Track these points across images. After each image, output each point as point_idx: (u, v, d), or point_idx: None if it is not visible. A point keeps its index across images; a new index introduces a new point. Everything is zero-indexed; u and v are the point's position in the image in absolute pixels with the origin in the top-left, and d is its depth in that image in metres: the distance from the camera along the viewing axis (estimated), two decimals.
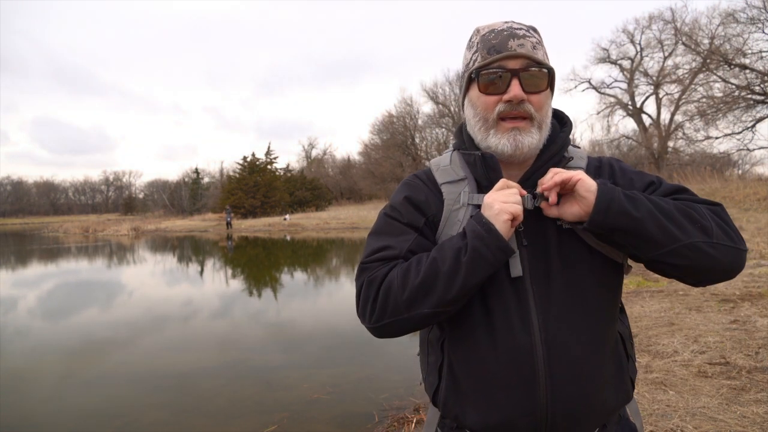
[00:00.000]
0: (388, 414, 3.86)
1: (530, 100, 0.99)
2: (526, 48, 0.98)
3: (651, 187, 1.07)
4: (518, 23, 1.03)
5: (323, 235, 25.48)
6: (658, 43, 32.89)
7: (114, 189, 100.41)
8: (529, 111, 0.99)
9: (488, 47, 1.00)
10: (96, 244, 25.52)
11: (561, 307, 0.99)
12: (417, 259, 0.99)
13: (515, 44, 0.98)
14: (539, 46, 1.02)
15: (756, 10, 20.66)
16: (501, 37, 1.00)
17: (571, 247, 1.01)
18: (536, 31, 1.04)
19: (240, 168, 44.66)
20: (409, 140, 46.32)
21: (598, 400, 1.01)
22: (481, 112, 1.03)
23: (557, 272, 1.00)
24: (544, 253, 1.01)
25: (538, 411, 0.97)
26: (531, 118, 1.00)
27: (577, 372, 0.98)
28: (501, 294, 1.00)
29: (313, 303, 9.13)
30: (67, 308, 9.10)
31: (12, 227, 57.83)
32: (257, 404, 4.26)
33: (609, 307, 1.04)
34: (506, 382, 0.98)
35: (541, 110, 1.01)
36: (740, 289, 5.85)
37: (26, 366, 5.65)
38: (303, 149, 69.73)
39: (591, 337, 1.00)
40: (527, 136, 1.00)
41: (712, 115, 23.59)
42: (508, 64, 0.99)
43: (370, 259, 1.04)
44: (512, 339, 0.98)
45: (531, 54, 0.98)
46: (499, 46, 0.99)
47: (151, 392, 4.67)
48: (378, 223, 1.11)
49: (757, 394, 3.03)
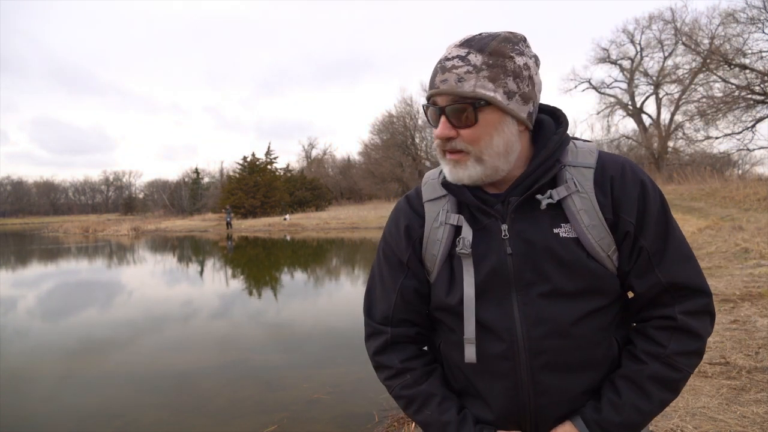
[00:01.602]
0: (388, 414, 3.86)
1: (461, 135, 0.96)
2: (448, 83, 0.93)
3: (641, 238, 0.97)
4: (459, 49, 0.94)
5: (323, 235, 25.48)
6: (658, 43, 32.95)
7: (114, 189, 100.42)
8: (459, 147, 0.96)
9: (430, 79, 0.99)
10: (96, 244, 25.52)
11: (546, 315, 0.97)
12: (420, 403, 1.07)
13: (439, 80, 0.95)
14: (470, 75, 0.92)
15: (756, 10, 20.68)
16: (434, 71, 0.97)
17: (560, 254, 0.96)
18: (481, 52, 0.93)
19: (240, 168, 44.66)
20: (409, 140, 46.34)
21: (582, 407, 1.02)
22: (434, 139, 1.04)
23: (543, 280, 0.97)
24: (531, 260, 0.98)
25: (524, 420, 1.01)
26: (466, 152, 0.97)
27: (562, 383, 0.99)
28: (488, 303, 1.00)
29: (313, 303, 9.14)
30: (67, 308, 9.11)
31: (12, 227, 57.83)
32: (257, 404, 4.26)
33: (603, 313, 0.99)
34: (491, 387, 1.02)
35: (477, 143, 0.95)
36: (740, 289, 5.85)
37: (26, 366, 5.65)
38: (303, 149, 69.84)
39: (579, 344, 0.97)
40: (463, 170, 0.98)
41: (712, 115, 23.61)
42: (437, 100, 0.97)
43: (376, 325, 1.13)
44: (494, 347, 1.00)
45: (453, 90, 0.93)
46: (431, 81, 0.98)
47: (151, 392, 4.67)
48: (374, 266, 1.18)
49: (757, 394, 3.03)
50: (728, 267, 7.36)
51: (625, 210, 0.97)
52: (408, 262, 1.09)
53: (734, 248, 8.62)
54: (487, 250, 1.00)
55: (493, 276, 0.99)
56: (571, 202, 0.97)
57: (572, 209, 0.97)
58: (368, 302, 1.15)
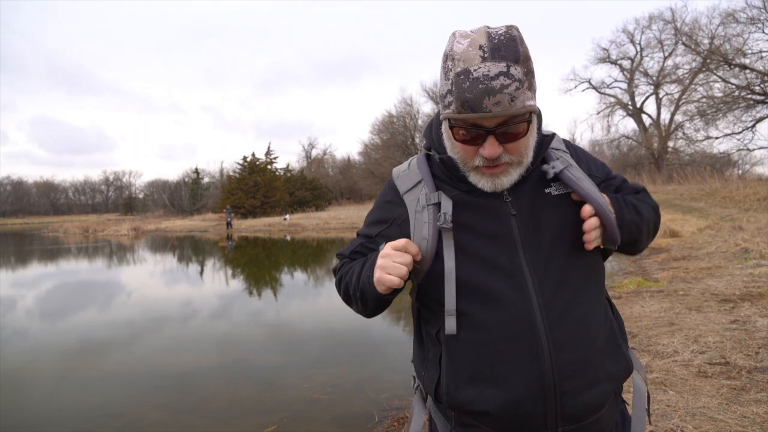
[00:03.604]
0: (388, 414, 3.86)
1: (507, 149, 0.99)
2: (502, 106, 0.91)
3: (612, 180, 1.22)
4: (497, 64, 0.90)
5: (323, 235, 25.48)
6: (658, 43, 32.94)
7: (114, 189, 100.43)
8: (506, 160, 1.00)
9: (462, 100, 0.92)
10: (96, 244, 25.51)
11: (555, 272, 1.02)
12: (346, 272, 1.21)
13: (490, 103, 0.90)
14: (519, 92, 0.91)
15: (756, 10, 20.69)
16: (476, 92, 0.90)
17: (557, 213, 1.06)
18: (518, 63, 0.91)
19: (240, 168, 44.66)
20: (409, 140, 46.33)
21: (600, 366, 1.02)
22: (458, 155, 1.04)
23: (548, 239, 1.04)
24: (533, 220, 1.05)
25: (546, 379, 0.97)
26: (509, 163, 1.02)
27: (578, 335, 1.00)
28: (496, 269, 1.02)
29: (313, 303, 9.13)
30: (66, 308, 9.10)
31: (12, 227, 57.82)
32: (257, 404, 4.26)
33: (598, 270, 1.11)
34: (509, 354, 0.99)
35: (519, 153, 1.01)
36: (740, 289, 5.85)
37: (26, 366, 5.65)
38: (303, 149, 69.81)
39: (586, 299, 1.04)
40: (507, 177, 1.03)
41: (712, 115, 23.62)
42: (483, 122, 0.94)
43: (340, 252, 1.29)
44: (511, 309, 0.99)
45: (508, 111, 0.91)
46: (474, 103, 0.91)
47: (151, 392, 4.67)
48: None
49: (757, 394, 3.03)
50: (728, 267, 7.36)
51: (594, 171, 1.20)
52: (391, 222, 1.16)
53: (734, 248, 8.62)
54: (490, 219, 1.05)
55: (500, 239, 1.04)
56: (569, 173, 1.08)
57: (571, 177, 1.07)
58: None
